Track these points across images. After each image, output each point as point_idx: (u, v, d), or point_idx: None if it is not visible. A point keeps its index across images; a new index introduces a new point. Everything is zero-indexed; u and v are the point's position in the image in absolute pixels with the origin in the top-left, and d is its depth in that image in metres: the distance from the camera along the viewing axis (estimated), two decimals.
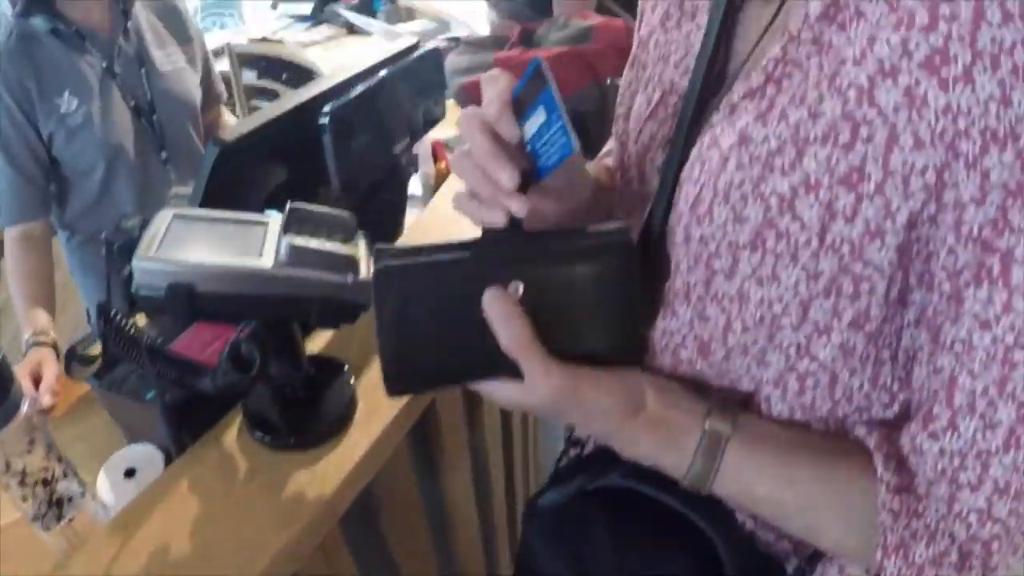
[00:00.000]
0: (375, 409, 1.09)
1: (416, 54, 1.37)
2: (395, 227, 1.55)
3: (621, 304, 0.68)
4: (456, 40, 3.20)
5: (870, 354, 0.64)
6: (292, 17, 4.50)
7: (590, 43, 2.01)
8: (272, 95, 4.38)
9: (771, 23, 0.69)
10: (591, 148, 2.34)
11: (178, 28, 2.15)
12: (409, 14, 4.26)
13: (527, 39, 2.20)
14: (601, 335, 0.69)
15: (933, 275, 0.58)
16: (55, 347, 1.81)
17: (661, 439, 0.69)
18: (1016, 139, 0.51)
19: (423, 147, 1.96)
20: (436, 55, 1.42)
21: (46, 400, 1.63)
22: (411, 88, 1.37)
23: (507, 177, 0.65)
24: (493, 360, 0.66)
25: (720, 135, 0.68)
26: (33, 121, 1.89)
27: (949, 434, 0.59)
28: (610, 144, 1.05)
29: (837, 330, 0.63)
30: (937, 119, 0.54)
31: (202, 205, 1.11)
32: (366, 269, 0.86)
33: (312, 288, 0.83)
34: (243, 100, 4.45)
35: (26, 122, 1.88)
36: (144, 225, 0.88)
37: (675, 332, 0.73)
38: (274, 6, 4.69)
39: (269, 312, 0.87)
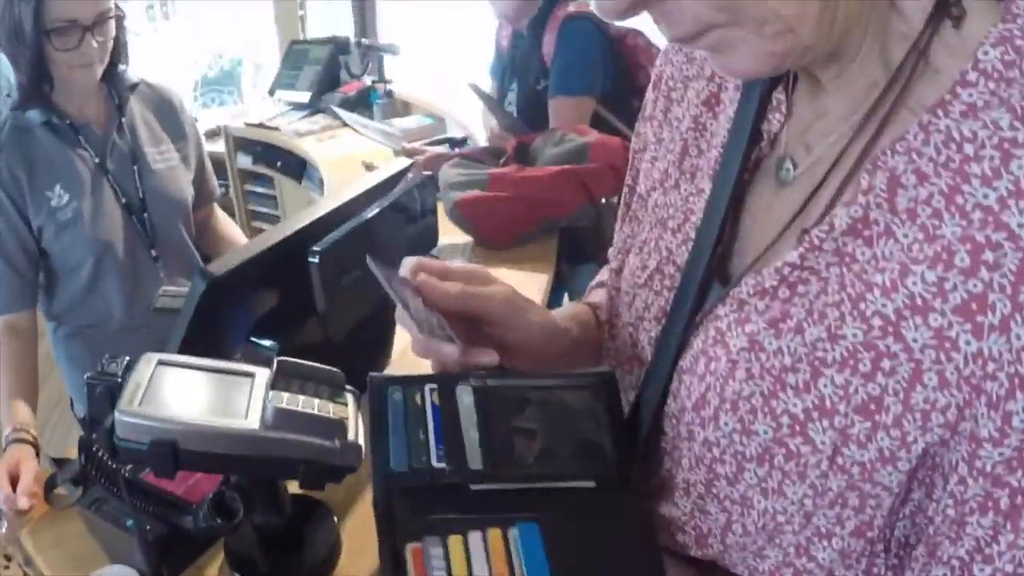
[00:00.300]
0: (360, 553, 1.08)
1: (409, 185, 1.38)
2: (384, 353, 1.55)
3: None
4: (450, 141, 3.25)
5: (866, 552, 0.63)
6: (289, 104, 4.54)
7: (586, 162, 2.04)
8: (266, 181, 4.42)
9: (794, 220, 0.66)
10: (586, 262, 2.36)
11: (173, 124, 2.16)
12: (405, 108, 4.31)
13: (522, 153, 2.23)
14: None
15: (938, 491, 0.57)
16: (35, 444, 1.76)
17: None
18: None
19: None
20: (429, 184, 1.44)
21: (23, 503, 1.58)
22: (403, 219, 1.38)
23: (449, 350, 0.72)
24: None
25: (727, 332, 0.67)
26: (23, 213, 1.88)
27: None
28: (602, 275, 1.04)
29: (839, 536, 0.62)
30: (966, 363, 0.53)
31: (187, 335, 1.12)
32: (354, 431, 0.86)
33: (298, 451, 0.82)
34: (237, 184, 4.49)
35: (16, 213, 1.87)
36: (129, 368, 0.88)
37: (673, 519, 0.72)
38: (272, 92, 4.70)
39: (252, 471, 0.86)
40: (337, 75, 4.56)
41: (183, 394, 0.85)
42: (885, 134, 0.60)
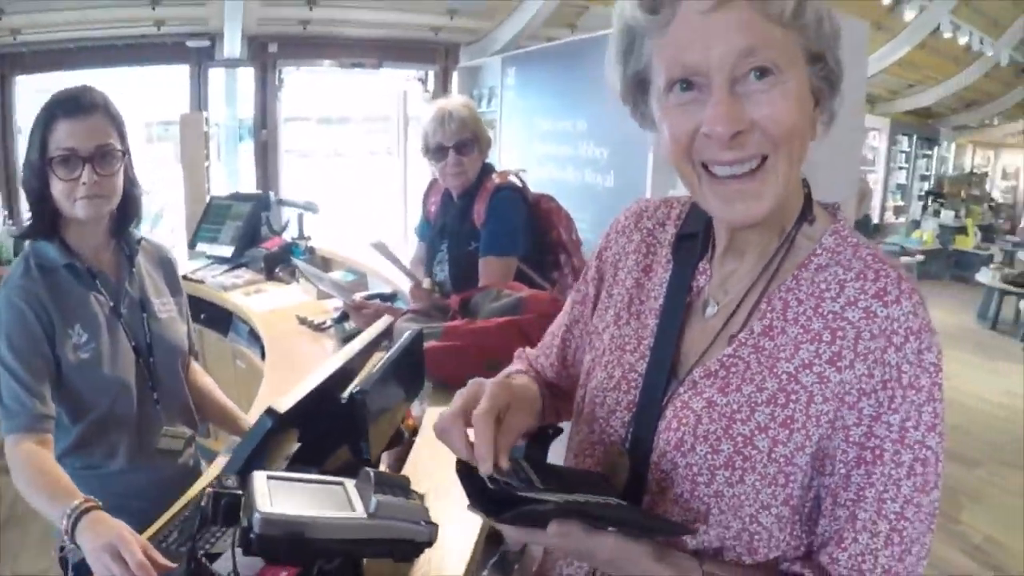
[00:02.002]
0: None
1: (410, 337, 1.72)
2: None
3: None
4: (381, 296, 3.55)
5: (791, 518, 1.03)
6: (211, 258, 4.74)
7: (523, 313, 2.42)
8: None
9: (719, 333, 1.10)
10: None
11: (171, 281, 2.32)
12: (326, 264, 4.60)
13: (465, 308, 2.58)
14: None
15: (832, 466, 1.00)
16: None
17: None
18: (876, 392, 0.97)
19: None
20: (420, 337, 1.78)
21: None
22: (407, 363, 1.70)
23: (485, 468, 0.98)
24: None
25: (689, 401, 1.08)
26: (50, 337, 1.92)
27: (853, 546, 0.99)
28: (514, 366, 1.47)
29: (775, 506, 1.02)
30: (835, 387, 0.99)
31: (246, 465, 1.32)
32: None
33: (396, 533, 1.13)
34: None
35: (42, 333, 1.91)
36: (242, 483, 1.16)
37: (669, 515, 1.08)
38: (192, 245, 4.89)
39: (362, 552, 1.16)
40: (258, 230, 4.80)
41: (299, 498, 1.14)
42: (774, 282, 1.08)
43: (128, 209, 2.13)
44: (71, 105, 1.92)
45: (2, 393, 1.87)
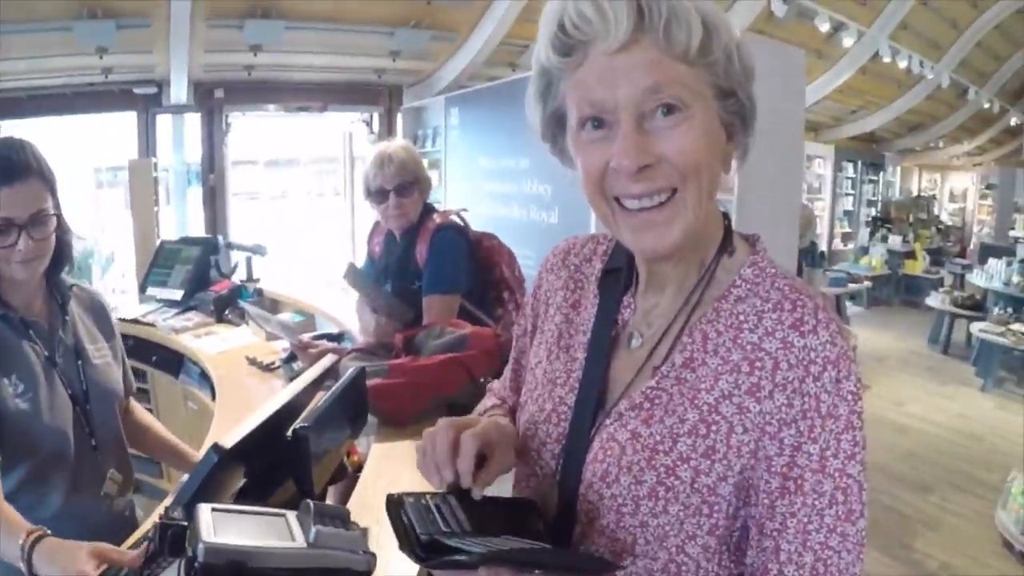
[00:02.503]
0: None
1: (352, 375, 1.78)
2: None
3: None
4: (328, 336, 3.61)
5: (718, 548, 1.05)
6: (161, 301, 4.75)
7: (466, 350, 2.49)
8: (139, 375, 4.54)
9: (644, 365, 1.11)
10: None
11: (105, 325, 2.31)
12: (275, 306, 4.63)
13: (409, 345, 2.65)
14: None
15: (756, 496, 1.00)
16: None
17: None
18: (796, 422, 0.98)
19: None
20: (363, 374, 1.84)
21: None
22: (351, 399, 1.76)
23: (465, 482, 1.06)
24: None
25: (615, 433, 1.08)
26: None
27: None
28: (491, 400, 1.48)
29: (700, 536, 1.03)
30: (755, 417, 1.00)
31: (193, 499, 1.35)
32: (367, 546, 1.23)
33: (335, 562, 1.19)
34: None
35: None
36: (188, 514, 1.21)
37: (596, 547, 1.10)
38: (143, 288, 4.90)
39: None
40: (207, 274, 4.83)
41: (241, 528, 1.19)
42: (695, 314, 1.10)
43: (60, 255, 2.12)
44: (5, 172, 1.89)
45: None
